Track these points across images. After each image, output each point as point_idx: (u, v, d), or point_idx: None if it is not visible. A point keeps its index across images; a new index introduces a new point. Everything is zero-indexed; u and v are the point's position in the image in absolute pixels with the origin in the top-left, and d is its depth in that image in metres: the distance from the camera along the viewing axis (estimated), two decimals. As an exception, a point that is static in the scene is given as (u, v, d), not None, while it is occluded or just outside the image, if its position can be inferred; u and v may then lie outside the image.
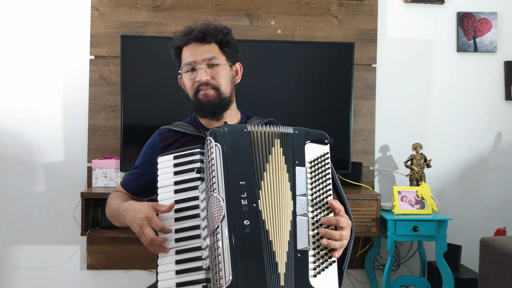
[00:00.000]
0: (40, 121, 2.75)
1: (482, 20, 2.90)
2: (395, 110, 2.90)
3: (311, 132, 1.28)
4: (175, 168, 1.28)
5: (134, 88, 2.59)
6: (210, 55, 1.47)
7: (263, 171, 1.19)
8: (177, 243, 1.19)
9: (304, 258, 1.13)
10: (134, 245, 2.76)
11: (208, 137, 1.21)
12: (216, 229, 1.11)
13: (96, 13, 2.74)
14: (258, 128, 1.25)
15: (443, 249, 2.43)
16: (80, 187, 2.75)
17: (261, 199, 1.16)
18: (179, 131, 1.53)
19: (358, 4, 2.84)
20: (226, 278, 1.06)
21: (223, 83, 1.48)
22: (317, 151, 1.26)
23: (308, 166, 1.23)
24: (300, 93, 2.69)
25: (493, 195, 2.94)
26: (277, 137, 1.24)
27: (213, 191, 1.15)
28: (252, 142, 1.22)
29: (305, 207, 1.18)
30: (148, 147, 1.56)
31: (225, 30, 1.50)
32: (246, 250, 1.09)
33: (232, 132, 1.22)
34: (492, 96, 2.93)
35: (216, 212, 1.12)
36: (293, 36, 2.82)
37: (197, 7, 2.78)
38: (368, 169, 2.86)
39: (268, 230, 1.13)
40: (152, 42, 2.65)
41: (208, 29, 1.47)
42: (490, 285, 2.19)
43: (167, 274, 1.17)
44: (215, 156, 1.18)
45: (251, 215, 1.13)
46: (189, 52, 1.47)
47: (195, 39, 1.46)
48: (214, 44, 1.48)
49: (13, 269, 2.76)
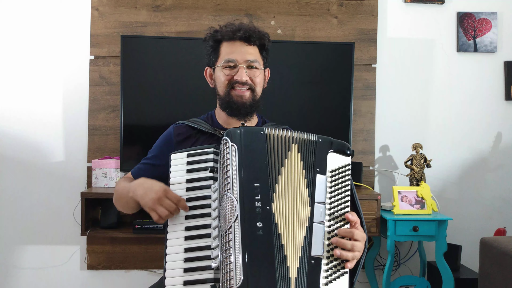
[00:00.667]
0: (40, 121, 2.75)
1: (482, 20, 2.90)
2: (395, 110, 2.90)
3: (334, 142, 1.28)
4: (188, 166, 1.28)
5: (134, 88, 2.59)
6: (253, 57, 1.48)
7: (278, 174, 1.18)
8: (186, 241, 1.19)
9: (317, 265, 1.13)
10: (134, 245, 2.76)
11: (225, 137, 1.21)
12: (228, 229, 1.10)
13: (96, 13, 2.74)
14: (275, 132, 1.24)
15: (443, 249, 2.43)
16: (80, 187, 2.75)
17: (275, 202, 1.15)
18: (194, 127, 1.54)
19: (358, 4, 2.84)
20: (237, 278, 1.05)
21: (259, 85, 1.51)
22: (339, 162, 1.26)
23: (329, 175, 1.23)
24: (300, 93, 2.69)
25: (493, 195, 2.94)
26: (295, 142, 1.24)
27: (227, 191, 1.14)
28: (268, 145, 1.21)
29: (322, 215, 1.18)
30: (162, 140, 1.56)
31: (267, 36, 1.53)
32: (257, 251, 1.09)
33: (249, 134, 1.22)
34: (492, 96, 2.93)
35: (229, 212, 1.12)
36: (293, 36, 2.82)
37: (197, 7, 2.78)
38: (368, 169, 2.86)
39: (281, 234, 1.12)
40: (152, 42, 2.65)
41: (254, 31, 1.49)
42: (490, 285, 2.19)
43: (175, 272, 1.16)
44: (231, 156, 1.17)
45: (264, 218, 1.12)
46: (232, 49, 1.48)
47: (241, 38, 1.47)
48: (256, 47, 1.50)
49: (13, 269, 2.76)
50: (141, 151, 2.57)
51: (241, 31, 1.47)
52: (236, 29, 1.48)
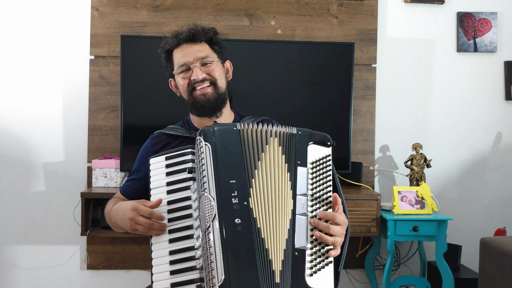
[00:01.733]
0: (40, 121, 2.75)
1: (482, 20, 2.90)
2: (395, 110, 2.90)
3: (314, 134, 1.29)
4: (167, 169, 1.28)
5: (134, 88, 2.59)
6: (203, 53, 1.49)
7: (255, 168, 1.20)
8: (170, 243, 1.20)
9: (301, 256, 1.14)
10: (134, 245, 2.76)
11: (198, 137, 1.22)
12: (207, 228, 1.12)
13: (96, 13, 2.74)
14: (249, 126, 1.25)
15: (443, 249, 2.43)
16: (80, 187, 2.75)
17: (252, 197, 1.16)
18: (171, 134, 1.55)
19: (358, 4, 2.84)
20: (219, 277, 1.07)
21: (219, 78, 1.51)
22: (319, 153, 1.27)
23: (310, 166, 1.24)
24: (300, 93, 2.69)
25: (493, 195, 2.94)
26: (275, 136, 1.25)
27: (204, 190, 1.16)
28: (243, 141, 1.23)
29: (304, 207, 1.19)
30: (141, 152, 1.58)
31: (213, 30, 1.53)
32: (238, 248, 1.10)
33: (222, 131, 1.23)
34: (492, 96, 2.93)
35: (208, 211, 1.13)
36: (293, 36, 2.82)
37: (197, 7, 2.78)
38: (368, 169, 2.86)
39: (260, 228, 1.13)
40: (152, 42, 2.64)
41: (196, 29, 1.50)
42: (490, 285, 2.19)
43: (162, 275, 1.17)
44: (205, 155, 1.19)
45: (242, 214, 1.13)
46: (182, 53, 1.50)
47: (186, 39, 1.49)
48: (204, 43, 1.51)
49: (13, 269, 2.76)
50: (141, 151, 2.57)
51: (183, 34, 1.49)
52: (178, 33, 1.50)
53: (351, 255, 2.84)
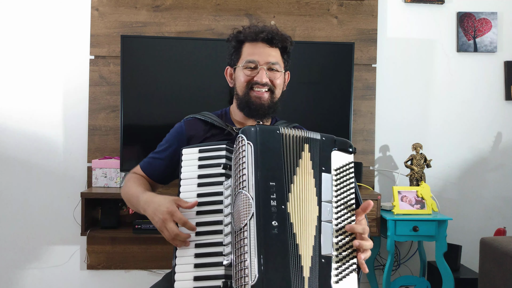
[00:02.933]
0: (40, 121, 2.75)
1: (482, 20, 2.90)
2: (395, 110, 2.90)
3: (337, 140, 1.29)
4: (199, 162, 1.28)
5: (134, 88, 2.59)
6: (274, 59, 1.49)
7: (293, 174, 1.18)
8: (197, 236, 1.19)
9: (328, 263, 1.13)
10: (134, 245, 2.76)
11: (240, 135, 1.21)
12: (243, 227, 1.10)
13: (96, 13, 2.74)
14: (290, 131, 1.24)
15: (443, 249, 2.43)
16: (80, 187, 2.75)
17: (290, 202, 1.15)
18: (206, 121, 1.53)
19: (358, 4, 2.84)
20: (252, 276, 1.05)
21: (278, 87, 1.51)
22: (342, 160, 1.27)
23: (333, 173, 1.23)
24: (300, 93, 2.69)
25: (493, 195, 2.94)
26: (306, 142, 1.24)
27: (243, 188, 1.14)
28: (284, 145, 1.22)
29: (330, 214, 1.18)
30: (173, 134, 1.55)
31: (290, 39, 1.53)
32: (272, 250, 1.08)
33: (265, 132, 1.22)
34: (492, 96, 2.93)
35: (244, 210, 1.12)
36: (293, 36, 2.80)
37: (197, 7, 2.78)
38: (368, 169, 2.86)
39: (296, 233, 1.12)
40: (152, 42, 2.64)
41: (277, 33, 1.49)
42: (490, 285, 2.19)
43: (185, 267, 1.16)
44: (247, 154, 1.17)
45: (279, 217, 1.12)
46: (254, 50, 1.49)
47: (264, 39, 1.48)
48: (277, 49, 1.51)
49: (13, 269, 2.76)
50: (141, 151, 2.57)
51: (264, 33, 1.48)
52: (259, 30, 1.49)
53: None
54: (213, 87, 2.54)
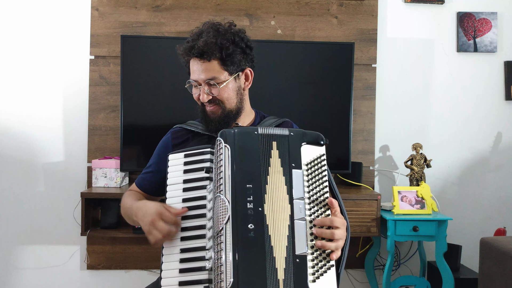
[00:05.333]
0: (40, 121, 2.75)
1: (482, 20, 2.90)
2: (395, 110, 2.90)
3: (307, 134, 1.26)
4: (185, 167, 1.28)
5: (134, 88, 2.59)
6: (210, 75, 1.40)
7: (267, 174, 1.18)
8: (182, 241, 1.19)
9: (303, 263, 1.11)
10: (134, 245, 2.76)
11: (218, 138, 1.21)
12: (220, 231, 1.10)
13: (96, 13, 2.74)
14: (266, 131, 1.23)
15: (443, 249, 2.43)
16: (80, 187, 2.75)
17: (266, 203, 1.14)
18: (191, 130, 1.53)
19: (358, 4, 2.84)
20: (227, 281, 1.05)
21: (226, 98, 1.43)
22: (313, 153, 1.24)
23: (304, 168, 1.21)
24: (300, 93, 2.69)
25: (493, 195, 2.94)
26: (274, 139, 1.23)
27: (220, 192, 1.14)
28: (261, 145, 1.21)
29: (302, 211, 1.16)
30: (161, 145, 1.56)
31: (227, 44, 1.39)
32: (248, 254, 1.08)
33: (243, 134, 1.21)
34: (492, 96, 2.93)
35: (221, 214, 1.12)
36: (293, 36, 2.82)
37: (197, 7, 2.78)
38: (368, 169, 2.86)
39: (271, 235, 1.11)
40: (152, 42, 2.65)
41: (208, 45, 1.37)
42: (490, 285, 2.19)
43: (171, 272, 1.17)
44: (224, 157, 1.18)
45: (256, 219, 1.11)
46: (193, 68, 1.43)
47: (196, 55, 1.40)
48: (214, 60, 1.39)
49: (13, 269, 2.76)
50: (141, 151, 2.57)
51: (194, 50, 1.39)
52: (191, 46, 1.40)
53: (351, 255, 2.84)
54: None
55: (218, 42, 1.38)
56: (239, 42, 1.43)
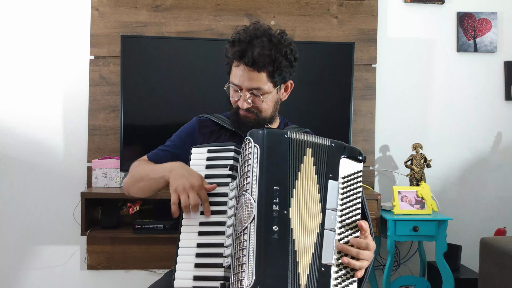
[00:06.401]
0: (40, 121, 2.75)
1: (482, 20, 2.90)
2: (395, 110, 2.90)
3: (347, 147, 1.26)
4: (207, 162, 1.28)
5: (134, 88, 2.59)
6: (256, 85, 1.39)
7: (295, 179, 1.17)
8: (199, 236, 1.19)
9: (327, 272, 1.12)
10: (134, 245, 2.76)
11: (248, 137, 1.20)
12: (244, 230, 1.10)
13: (96, 13, 2.74)
14: (297, 136, 1.22)
15: (443, 249, 2.43)
16: (80, 187, 2.75)
17: (292, 207, 1.14)
18: (217, 123, 1.52)
19: (358, 4, 2.84)
20: (249, 279, 1.05)
21: (265, 109, 1.44)
22: (351, 168, 1.24)
23: (341, 181, 1.21)
24: (300, 93, 2.68)
25: (493, 195, 2.94)
26: (309, 146, 1.22)
27: (246, 191, 1.14)
28: (290, 149, 1.20)
29: (333, 222, 1.16)
30: (185, 130, 1.54)
31: (280, 58, 1.38)
32: (271, 255, 1.07)
33: (272, 136, 1.20)
34: (492, 96, 2.93)
35: (246, 212, 1.11)
36: (293, 36, 2.77)
37: (197, 7, 2.78)
38: (368, 169, 2.86)
39: (295, 240, 1.11)
40: (152, 42, 2.65)
41: (262, 56, 1.35)
42: (490, 285, 2.19)
43: (186, 266, 1.16)
44: (252, 156, 1.16)
45: (280, 222, 1.11)
46: (237, 72, 1.40)
47: (247, 63, 1.37)
48: (263, 72, 1.38)
49: (13, 269, 2.76)
50: (141, 151, 2.56)
51: (246, 57, 1.36)
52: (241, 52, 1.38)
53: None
54: (212, 87, 2.54)
55: (272, 54, 1.37)
56: (289, 55, 1.42)
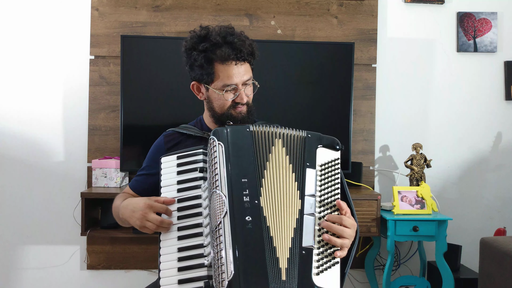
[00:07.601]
0: (40, 121, 2.75)
1: (482, 20, 2.90)
2: (395, 110, 2.90)
3: (324, 137, 1.31)
4: (178, 168, 1.31)
5: (134, 88, 2.59)
6: (248, 75, 1.46)
7: (264, 169, 1.22)
8: (179, 241, 1.22)
9: (308, 255, 1.15)
10: (134, 245, 2.76)
11: (212, 136, 1.25)
12: (218, 225, 1.14)
13: (96, 13, 2.74)
14: (260, 128, 1.28)
15: (443, 249, 2.43)
16: (80, 187, 2.75)
17: (263, 196, 1.18)
18: (183, 133, 1.55)
19: (358, 4, 2.84)
20: (228, 272, 1.08)
21: (251, 98, 1.52)
22: (328, 156, 1.29)
23: (318, 169, 1.26)
24: (300, 93, 2.69)
25: (493, 195, 2.94)
26: (278, 137, 1.27)
27: (216, 188, 1.18)
28: (254, 141, 1.25)
29: (313, 207, 1.21)
30: (153, 149, 1.59)
31: (252, 44, 1.47)
32: (247, 245, 1.12)
33: (235, 131, 1.26)
34: (492, 96, 2.93)
35: (219, 209, 1.15)
36: (293, 36, 2.82)
37: (197, 7, 2.78)
38: (368, 169, 2.86)
39: (269, 226, 1.15)
40: (152, 42, 2.65)
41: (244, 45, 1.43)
42: (490, 285, 2.19)
43: (169, 271, 1.19)
44: (218, 154, 1.21)
45: (252, 212, 1.15)
46: (230, 72, 1.42)
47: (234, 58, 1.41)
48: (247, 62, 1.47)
49: (13, 269, 2.76)
50: (141, 151, 2.57)
51: (234, 54, 1.40)
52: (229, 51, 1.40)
53: (351, 255, 2.84)
54: (213, 87, 2.54)
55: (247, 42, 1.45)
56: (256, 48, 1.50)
